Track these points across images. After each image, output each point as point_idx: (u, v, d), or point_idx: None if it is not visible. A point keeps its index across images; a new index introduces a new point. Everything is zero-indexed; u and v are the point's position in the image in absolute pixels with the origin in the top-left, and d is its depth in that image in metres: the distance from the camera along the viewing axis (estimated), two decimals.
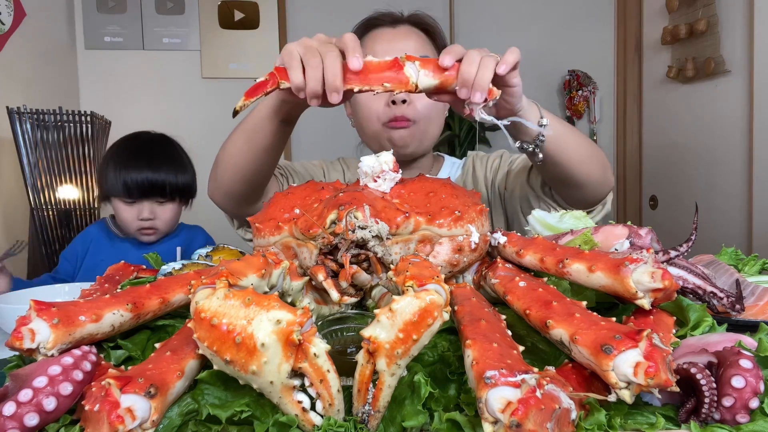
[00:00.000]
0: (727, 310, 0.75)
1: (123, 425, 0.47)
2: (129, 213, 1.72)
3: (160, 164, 1.72)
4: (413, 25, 1.35)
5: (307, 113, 1.25)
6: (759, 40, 2.56)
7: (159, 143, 1.81)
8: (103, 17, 3.06)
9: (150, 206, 1.72)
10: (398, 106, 1.27)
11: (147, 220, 1.71)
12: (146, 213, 1.71)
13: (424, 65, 0.81)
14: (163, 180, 1.71)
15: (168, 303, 0.70)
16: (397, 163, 0.79)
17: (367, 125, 1.33)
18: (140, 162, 1.70)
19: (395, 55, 1.18)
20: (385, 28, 1.34)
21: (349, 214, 0.67)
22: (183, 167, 1.78)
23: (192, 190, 1.81)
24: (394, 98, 1.26)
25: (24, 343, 0.58)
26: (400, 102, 1.27)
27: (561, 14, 3.55)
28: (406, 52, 1.22)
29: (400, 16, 1.36)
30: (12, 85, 2.35)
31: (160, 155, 1.75)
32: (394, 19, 1.35)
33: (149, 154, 1.74)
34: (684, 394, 0.54)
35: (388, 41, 1.30)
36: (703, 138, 2.99)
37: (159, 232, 1.77)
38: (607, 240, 0.80)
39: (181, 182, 1.75)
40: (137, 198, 1.69)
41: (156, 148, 1.78)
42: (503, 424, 0.44)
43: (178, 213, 1.81)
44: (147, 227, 1.73)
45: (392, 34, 1.32)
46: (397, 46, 1.28)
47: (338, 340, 0.63)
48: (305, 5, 3.28)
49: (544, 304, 0.60)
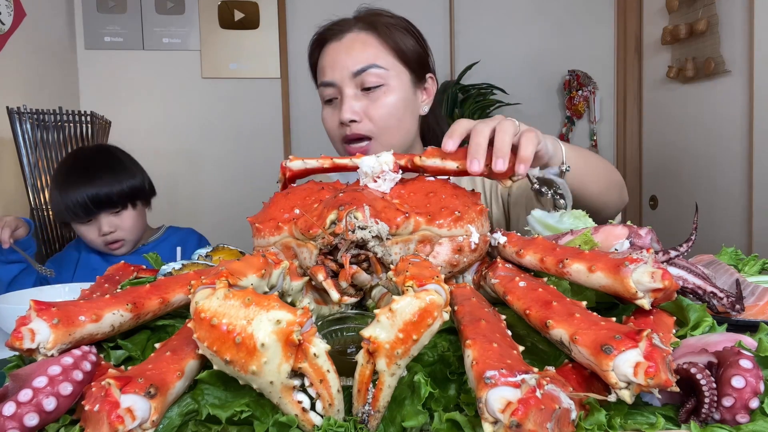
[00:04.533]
0: (727, 310, 0.75)
1: (123, 425, 0.47)
2: (89, 232, 1.67)
3: (99, 177, 1.65)
4: (358, 29, 1.28)
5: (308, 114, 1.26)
6: (759, 40, 2.56)
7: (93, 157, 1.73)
8: (103, 17, 3.06)
9: (107, 219, 1.66)
10: (349, 125, 1.24)
11: (109, 234, 1.66)
12: (105, 227, 1.66)
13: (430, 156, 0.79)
14: (107, 192, 1.64)
15: (168, 303, 0.70)
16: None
17: (333, 144, 1.34)
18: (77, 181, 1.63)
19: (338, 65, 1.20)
20: (332, 42, 1.28)
21: (349, 214, 0.67)
22: (126, 172, 1.71)
23: (145, 191, 1.75)
24: (342, 119, 1.23)
25: (24, 343, 0.58)
26: (348, 122, 1.23)
27: (561, 14, 3.55)
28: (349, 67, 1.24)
29: (345, 23, 1.30)
30: (12, 85, 2.35)
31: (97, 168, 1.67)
32: (340, 29, 1.29)
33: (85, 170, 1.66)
34: (684, 394, 0.54)
35: (333, 57, 1.26)
36: (703, 138, 2.99)
37: (127, 241, 1.72)
38: (607, 240, 0.80)
39: (129, 188, 1.68)
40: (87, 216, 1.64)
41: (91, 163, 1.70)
42: (503, 424, 0.44)
43: (140, 218, 1.75)
44: (112, 241, 1.68)
45: (337, 46, 1.27)
46: (339, 62, 1.24)
47: (338, 340, 0.63)
48: (305, 5, 3.28)
49: (544, 304, 0.60)
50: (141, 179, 1.75)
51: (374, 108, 1.24)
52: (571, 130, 3.62)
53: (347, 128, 1.25)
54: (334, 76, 1.26)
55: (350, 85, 1.25)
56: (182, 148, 3.16)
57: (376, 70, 1.24)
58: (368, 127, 1.25)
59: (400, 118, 1.27)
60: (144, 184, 1.75)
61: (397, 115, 1.26)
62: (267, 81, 3.23)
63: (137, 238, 1.76)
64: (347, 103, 1.24)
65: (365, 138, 1.25)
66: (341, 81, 1.25)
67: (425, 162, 0.80)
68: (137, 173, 1.75)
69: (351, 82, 1.25)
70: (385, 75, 1.25)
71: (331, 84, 1.27)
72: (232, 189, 3.15)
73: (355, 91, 1.25)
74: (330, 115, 1.30)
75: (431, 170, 0.81)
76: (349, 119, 1.23)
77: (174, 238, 1.85)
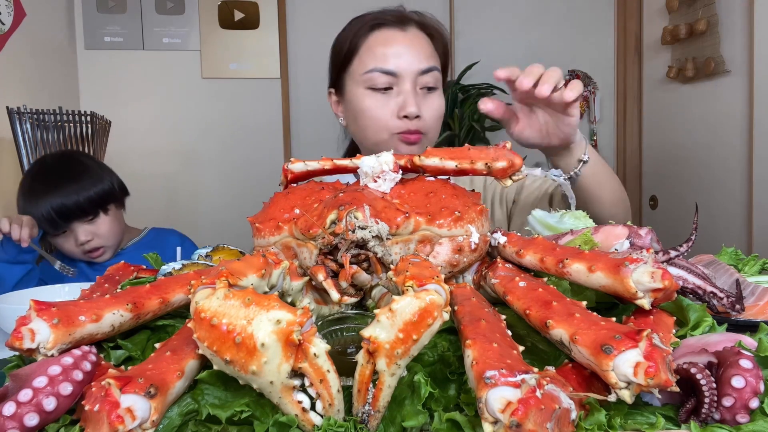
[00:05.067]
0: (727, 310, 0.75)
1: (123, 425, 0.47)
2: (66, 243, 1.64)
3: (64, 187, 1.59)
4: (418, 27, 1.30)
5: (308, 114, 1.25)
6: (759, 40, 2.56)
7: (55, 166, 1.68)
8: (103, 17, 3.06)
9: (82, 229, 1.62)
10: (412, 120, 1.24)
11: (86, 242, 1.62)
12: (82, 236, 1.62)
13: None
14: (74, 201, 1.58)
15: (168, 303, 0.70)
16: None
17: (374, 134, 1.28)
18: (41, 193, 1.57)
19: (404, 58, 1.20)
20: (393, 29, 1.27)
21: (349, 214, 0.67)
22: (93, 177, 1.65)
23: (116, 194, 1.70)
24: (407, 113, 1.23)
25: (24, 343, 0.58)
26: (413, 117, 1.23)
27: (561, 14, 3.55)
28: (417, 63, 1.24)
29: (407, 16, 1.30)
30: (12, 85, 2.35)
31: (61, 178, 1.61)
32: (402, 18, 1.28)
33: (47, 182, 1.61)
34: (684, 394, 0.54)
35: (397, 46, 1.25)
36: (703, 138, 2.99)
37: (108, 247, 1.68)
38: (607, 240, 0.80)
39: (97, 194, 1.63)
40: (56, 229, 1.60)
41: (54, 173, 1.64)
42: (503, 424, 0.44)
43: (116, 222, 1.70)
44: (91, 249, 1.64)
45: (402, 37, 1.26)
46: (405, 54, 1.24)
47: (338, 340, 0.63)
48: (305, 5, 3.28)
49: (544, 304, 0.60)
50: (110, 182, 1.68)
51: (427, 108, 1.26)
52: None
53: (408, 122, 1.24)
54: (399, 66, 1.23)
55: (413, 81, 1.24)
56: (182, 148, 3.16)
57: (436, 73, 1.28)
58: (425, 124, 1.26)
59: (440, 121, 1.32)
60: (114, 186, 1.69)
61: (440, 118, 1.30)
62: (267, 81, 3.23)
63: (117, 243, 1.72)
64: (411, 98, 1.23)
65: (421, 134, 1.26)
66: (406, 74, 1.24)
67: (425, 162, 0.80)
68: (105, 177, 1.68)
69: (415, 79, 1.24)
70: (439, 79, 1.29)
71: (393, 74, 1.24)
72: (232, 189, 3.16)
73: (415, 88, 1.25)
74: (383, 105, 1.25)
75: (431, 170, 0.81)
76: (415, 114, 1.23)
77: (156, 239, 1.81)
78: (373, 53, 1.25)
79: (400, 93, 1.24)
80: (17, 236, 1.45)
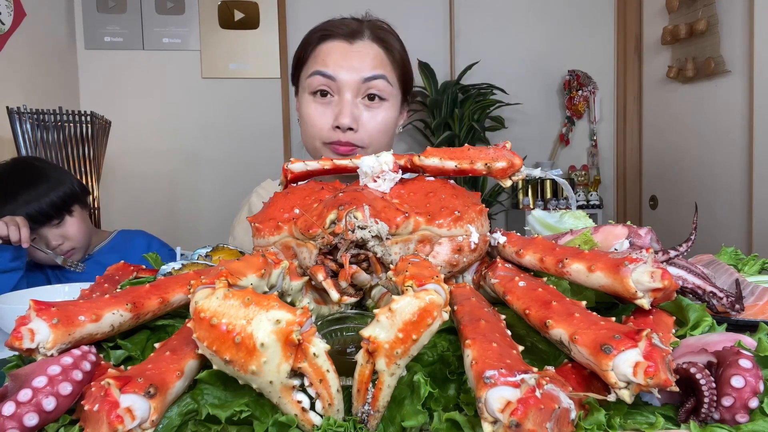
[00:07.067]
0: (727, 310, 0.75)
1: (122, 425, 0.47)
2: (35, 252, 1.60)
3: (21, 195, 1.56)
4: (372, 39, 1.26)
5: None
6: (759, 40, 2.56)
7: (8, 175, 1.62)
8: (103, 17, 3.06)
9: (51, 233, 1.60)
10: (344, 132, 1.20)
11: (59, 246, 1.61)
12: (53, 241, 1.60)
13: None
14: (37, 208, 1.56)
15: (167, 303, 0.70)
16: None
17: (310, 141, 1.27)
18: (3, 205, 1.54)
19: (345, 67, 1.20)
20: (340, 41, 1.24)
21: (349, 214, 0.67)
22: (50, 182, 1.62)
23: (77, 195, 1.68)
24: (339, 124, 1.20)
25: (23, 343, 0.58)
26: (345, 129, 1.20)
27: (561, 14, 3.55)
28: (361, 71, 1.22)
29: (357, 27, 1.26)
30: (12, 85, 2.35)
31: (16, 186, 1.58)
32: (351, 31, 1.25)
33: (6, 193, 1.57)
34: (683, 394, 0.54)
35: (341, 55, 1.23)
36: (703, 138, 2.99)
37: (79, 248, 1.67)
38: (606, 240, 0.80)
39: (59, 197, 1.60)
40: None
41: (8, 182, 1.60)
42: (503, 424, 0.44)
43: (83, 222, 1.68)
44: (65, 252, 1.63)
45: (347, 48, 1.23)
46: (348, 62, 1.22)
47: (338, 340, 0.63)
48: (305, 5, 3.29)
49: (543, 304, 0.60)
50: (70, 184, 1.66)
51: (370, 120, 1.23)
52: (571, 130, 3.62)
53: (341, 134, 1.22)
54: (339, 73, 1.22)
55: (353, 91, 1.22)
56: (182, 148, 3.16)
57: (384, 82, 1.24)
58: (361, 137, 1.23)
59: (388, 135, 1.28)
60: (74, 188, 1.67)
61: (387, 132, 1.26)
62: (267, 81, 3.23)
63: (86, 244, 1.71)
64: (348, 108, 1.21)
65: (356, 147, 1.23)
66: (347, 83, 1.22)
67: (425, 162, 0.80)
68: (64, 179, 1.66)
69: (356, 88, 1.22)
70: (389, 90, 1.25)
71: (332, 78, 1.22)
72: (232, 189, 3.15)
73: (355, 99, 1.23)
74: (321, 113, 1.24)
75: (431, 170, 0.81)
76: (348, 126, 1.20)
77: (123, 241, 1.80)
78: (316, 61, 1.25)
79: (339, 103, 1.23)
80: (16, 238, 1.43)
